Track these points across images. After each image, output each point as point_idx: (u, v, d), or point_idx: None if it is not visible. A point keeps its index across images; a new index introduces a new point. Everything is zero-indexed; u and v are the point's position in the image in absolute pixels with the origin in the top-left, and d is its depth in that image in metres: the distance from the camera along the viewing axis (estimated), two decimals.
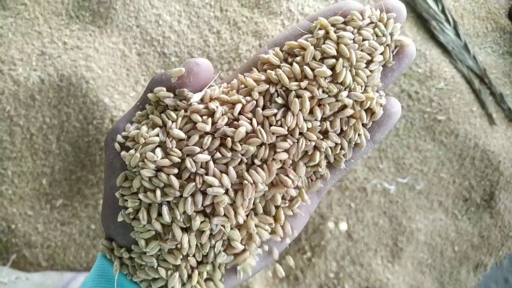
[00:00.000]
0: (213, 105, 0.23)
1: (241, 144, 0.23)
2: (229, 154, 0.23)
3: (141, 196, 0.23)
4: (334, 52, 0.23)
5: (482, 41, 0.78)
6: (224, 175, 0.23)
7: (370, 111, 0.25)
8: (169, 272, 0.24)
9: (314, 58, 0.24)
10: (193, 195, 0.23)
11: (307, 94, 0.23)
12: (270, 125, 0.23)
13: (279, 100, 0.23)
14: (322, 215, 0.68)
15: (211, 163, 0.23)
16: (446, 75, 0.72)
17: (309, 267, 0.67)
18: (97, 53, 0.74)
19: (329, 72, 0.23)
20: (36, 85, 0.73)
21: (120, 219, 0.24)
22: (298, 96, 0.23)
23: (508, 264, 0.69)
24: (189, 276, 0.24)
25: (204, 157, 0.23)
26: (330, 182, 0.26)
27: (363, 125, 0.25)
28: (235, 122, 0.23)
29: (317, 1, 0.74)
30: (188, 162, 0.22)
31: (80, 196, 0.72)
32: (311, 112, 0.23)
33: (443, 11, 0.75)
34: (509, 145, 0.71)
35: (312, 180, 0.25)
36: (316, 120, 0.23)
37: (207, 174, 0.23)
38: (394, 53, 0.25)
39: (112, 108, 0.72)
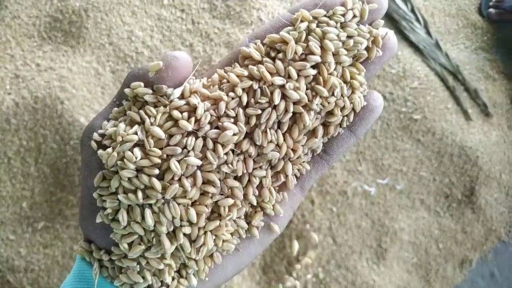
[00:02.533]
0: (194, 100, 0.23)
1: (223, 146, 0.22)
2: (215, 162, 0.22)
3: (120, 197, 0.22)
4: (319, 52, 0.23)
5: (454, 38, 0.79)
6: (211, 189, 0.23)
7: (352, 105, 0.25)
8: (152, 277, 0.23)
9: (296, 53, 0.23)
10: (175, 198, 0.22)
11: (294, 96, 0.23)
12: (255, 126, 0.23)
13: (263, 100, 0.23)
14: (304, 221, 0.68)
15: (199, 172, 0.22)
16: (420, 74, 0.72)
17: (296, 273, 0.67)
18: (70, 73, 0.74)
19: (313, 72, 0.23)
20: (11, 108, 0.72)
21: (98, 220, 0.23)
22: (283, 95, 0.23)
23: (493, 257, 0.69)
24: (173, 279, 0.24)
25: (195, 161, 0.22)
26: (313, 178, 0.26)
27: (346, 116, 0.25)
28: (219, 123, 0.23)
29: (287, 8, 0.75)
30: (173, 165, 0.22)
31: (61, 217, 0.72)
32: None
33: (412, 11, 0.75)
34: (486, 140, 0.71)
35: (296, 177, 0.25)
36: (304, 125, 0.23)
37: (195, 184, 0.22)
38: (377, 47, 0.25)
39: None
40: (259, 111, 0.23)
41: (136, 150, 0.22)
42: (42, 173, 0.72)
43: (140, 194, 0.22)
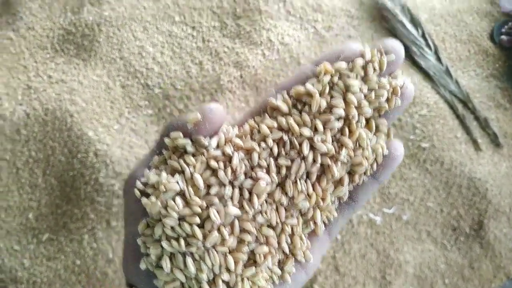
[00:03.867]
0: (228, 149, 0.24)
1: (258, 197, 0.24)
2: (251, 212, 0.24)
3: (164, 244, 0.23)
4: (343, 105, 0.25)
5: (465, 64, 0.78)
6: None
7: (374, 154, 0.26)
8: None
9: (320, 106, 0.25)
10: (214, 246, 0.23)
11: (323, 149, 0.24)
12: (286, 176, 0.25)
13: (292, 153, 0.24)
14: None
15: (236, 221, 0.23)
16: (429, 101, 0.71)
17: None
18: (81, 86, 0.74)
19: (339, 125, 0.25)
20: (21, 119, 0.73)
21: (143, 267, 0.24)
22: (311, 146, 0.24)
23: None
24: None
25: (235, 211, 0.23)
26: (340, 224, 0.27)
27: (370, 165, 0.26)
28: (253, 173, 0.24)
29: (297, 30, 0.75)
30: (212, 214, 0.23)
31: (66, 230, 0.72)
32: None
33: (423, 36, 0.75)
34: (495, 172, 0.70)
35: (324, 224, 0.27)
36: (332, 176, 0.25)
37: (232, 232, 0.23)
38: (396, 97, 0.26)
39: (96, 142, 0.72)
40: (289, 162, 0.24)
41: (178, 199, 0.23)
42: (49, 185, 0.73)
43: (182, 242, 0.23)
